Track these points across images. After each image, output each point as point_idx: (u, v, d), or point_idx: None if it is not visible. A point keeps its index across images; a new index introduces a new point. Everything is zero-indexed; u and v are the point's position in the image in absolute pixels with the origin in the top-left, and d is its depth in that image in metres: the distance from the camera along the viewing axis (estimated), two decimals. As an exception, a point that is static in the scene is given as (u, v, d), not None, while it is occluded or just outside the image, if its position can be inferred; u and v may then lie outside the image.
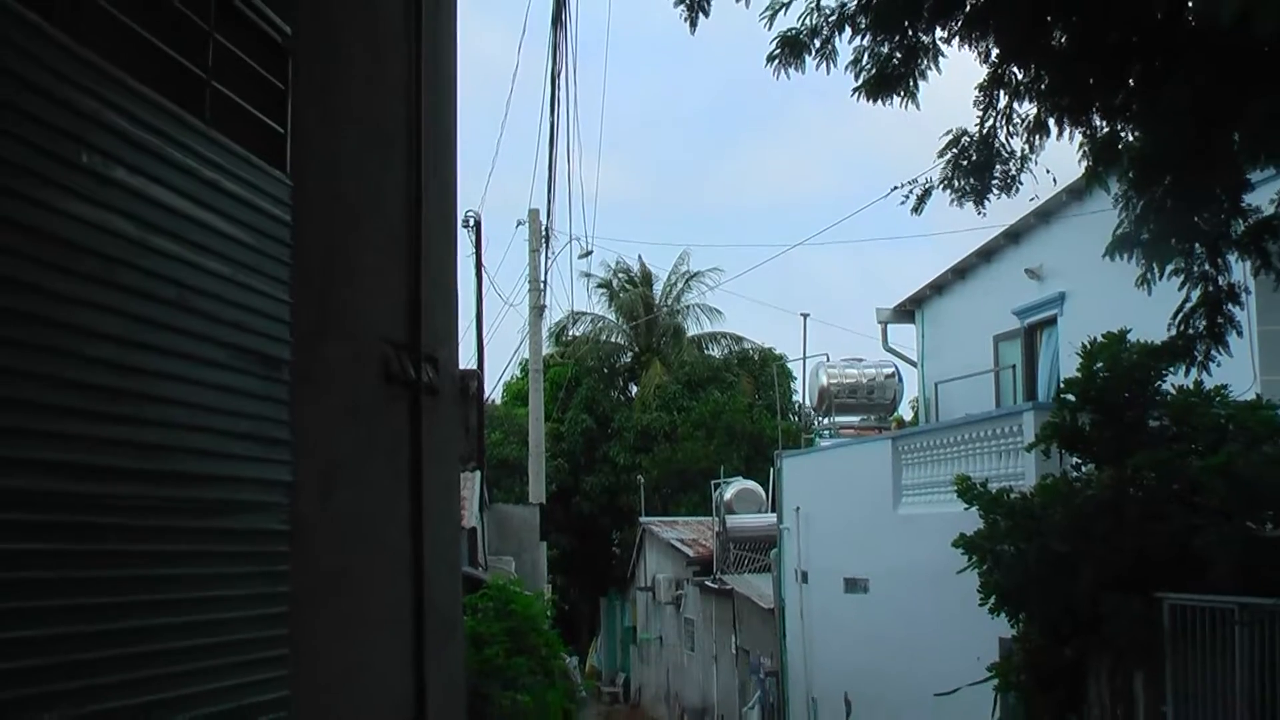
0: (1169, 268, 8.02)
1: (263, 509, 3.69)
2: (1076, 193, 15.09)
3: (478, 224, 22.75)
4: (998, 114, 7.93)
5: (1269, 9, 3.34)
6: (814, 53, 7.51)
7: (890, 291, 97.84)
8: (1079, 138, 7.70)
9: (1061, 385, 11.29)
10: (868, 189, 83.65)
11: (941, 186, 8.19)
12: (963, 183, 8.08)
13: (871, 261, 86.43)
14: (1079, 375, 10.55)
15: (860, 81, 7.52)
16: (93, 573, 2.91)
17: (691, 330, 42.29)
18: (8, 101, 2.68)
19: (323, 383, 4.45)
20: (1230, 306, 8.28)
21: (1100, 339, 10.55)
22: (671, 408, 37.98)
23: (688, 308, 42.55)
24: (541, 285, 26.09)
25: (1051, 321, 17.46)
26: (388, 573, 5.11)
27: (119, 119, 3.05)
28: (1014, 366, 18.50)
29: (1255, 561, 9.05)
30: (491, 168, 78.33)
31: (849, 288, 78.15)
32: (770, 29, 7.50)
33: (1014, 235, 18.32)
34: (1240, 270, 8.62)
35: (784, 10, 7.44)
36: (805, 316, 25.43)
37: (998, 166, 8.04)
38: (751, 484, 27.98)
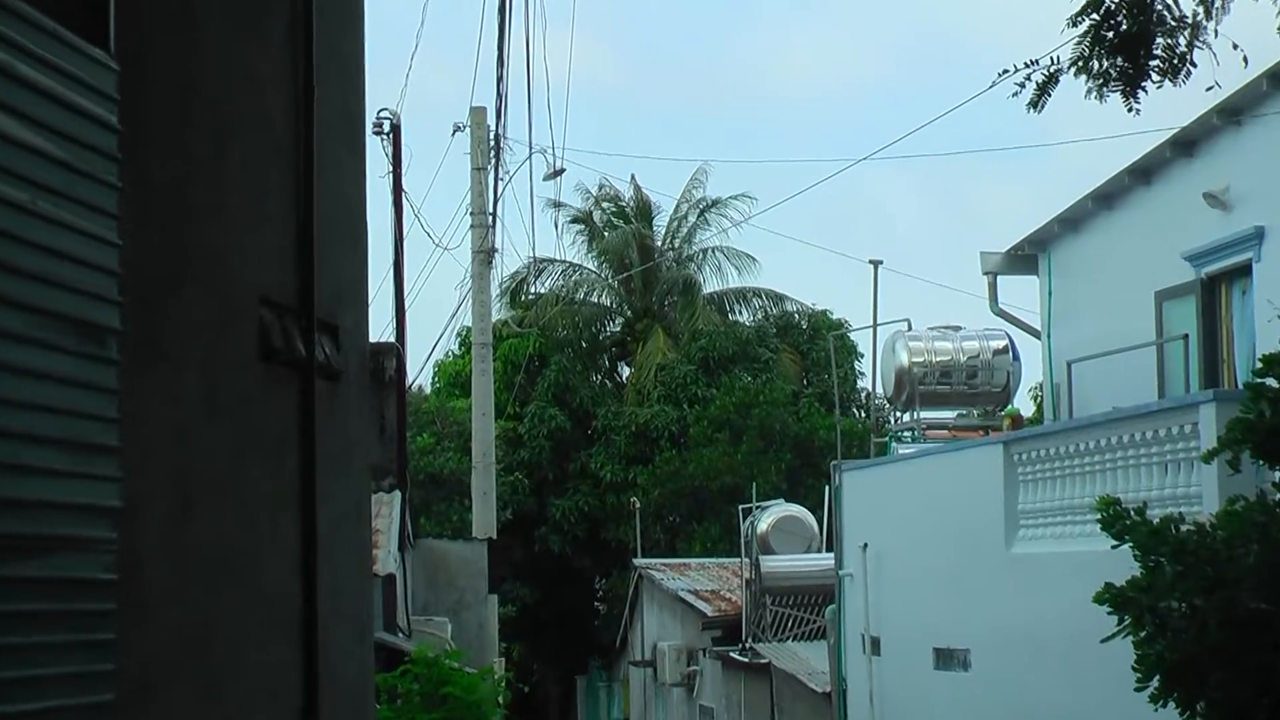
0: None
1: (78, 548, 3.68)
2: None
3: (396, 129, 22.69)
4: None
5: None
6: None
7: (989, 229, 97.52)
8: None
9: (1258, 365, 11.28)
10: (941, 86, 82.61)
11: (1074, 70, 8.15)
12: (1106, 64, 8.05)
13: (960, 187, 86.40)
14: (1283, 350, 10.55)
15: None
16: None
17: (710, 285, 42.40)
18: None
19: (171, 362, 4.43)
20: None
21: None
22: (680, 398, 38.08)
23: (704, 252, 42.61)
24: (490, 219, 26.09)
25: (1244, 270, 17.44)
26: (266, 632, 5.10)
27: None
28: (1186, 337, 18.48)
29: None
30: (415, 47, 77.04)
31: (931, 223, 78.12)
32: None
33: (1186, 145, 18.28)
34: None
35: None
36: (876, 265, 25.32)
37: (1159, 39, 8.01)
38: (797, 509, 28.06)
